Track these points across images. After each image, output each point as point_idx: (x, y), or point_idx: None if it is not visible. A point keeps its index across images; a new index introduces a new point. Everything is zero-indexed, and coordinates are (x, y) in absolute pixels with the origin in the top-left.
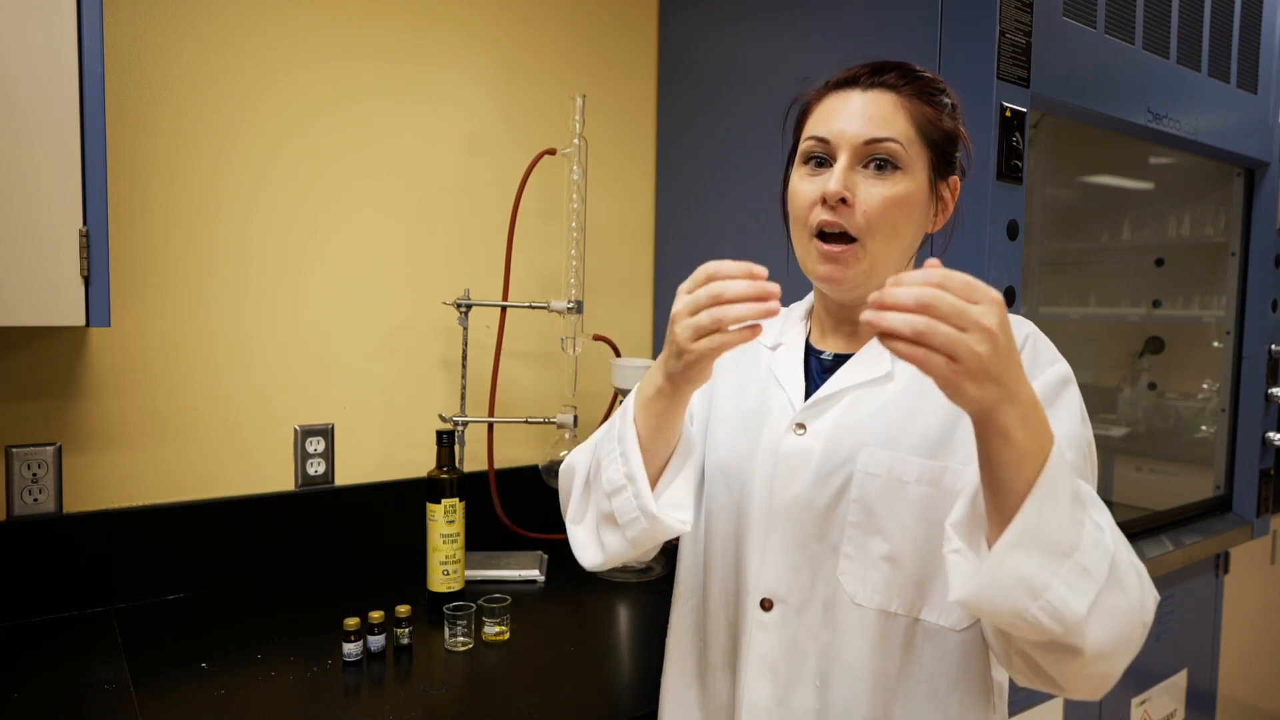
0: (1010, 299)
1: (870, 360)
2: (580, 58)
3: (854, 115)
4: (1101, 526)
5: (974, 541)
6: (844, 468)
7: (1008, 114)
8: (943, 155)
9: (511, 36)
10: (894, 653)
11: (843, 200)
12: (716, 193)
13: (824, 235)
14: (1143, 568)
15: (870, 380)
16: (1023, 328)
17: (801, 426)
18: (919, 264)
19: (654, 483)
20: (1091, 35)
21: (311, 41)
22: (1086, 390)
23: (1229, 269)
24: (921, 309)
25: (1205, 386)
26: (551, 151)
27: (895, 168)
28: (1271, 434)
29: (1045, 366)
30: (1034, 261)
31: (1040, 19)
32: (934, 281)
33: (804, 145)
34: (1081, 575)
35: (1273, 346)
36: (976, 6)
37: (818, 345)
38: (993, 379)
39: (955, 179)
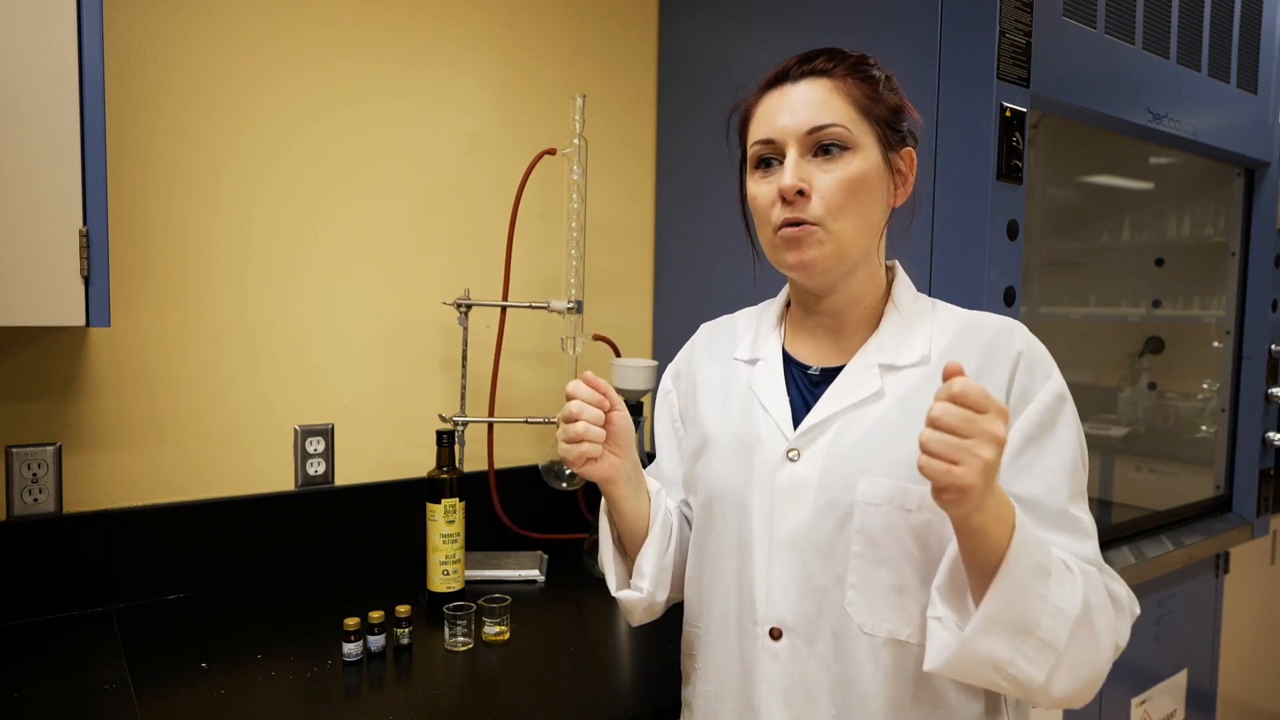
0: (1010, 299)
1: (859, 378)
2: (580, 58)
3: (793, 108)
4: (1067, 584)
5: (957, 605)
6: (844, 497)
7: (1008, 114)
8: (890, 128)
9: (511, 36)
10: (907, 679)
11: (800, 193)
12: (716, 192)
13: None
14: (1122, 591)
15: (859, 401)
16: (1014, 344)
17: (795, 453)
18: (890, 242)
19: (640, 545)
20: (1091, 35)
21: (312, 42)
22: (1086, 390)
23: (1229, 269)
24: (937, 421)
25: (1205, 386)
26: (551, 151)
27: (844, 149)
28: (1271, 434)
29: (1041, 382)
30: (1034, 261)
31: (1040, 19)
32: (958, 395)
33: (752, 151)
34: (1041, 649)
35: (1273, 346)
36: (976, 6)
37: (795, 352)
38: (986, 484)
39: (909, 150)
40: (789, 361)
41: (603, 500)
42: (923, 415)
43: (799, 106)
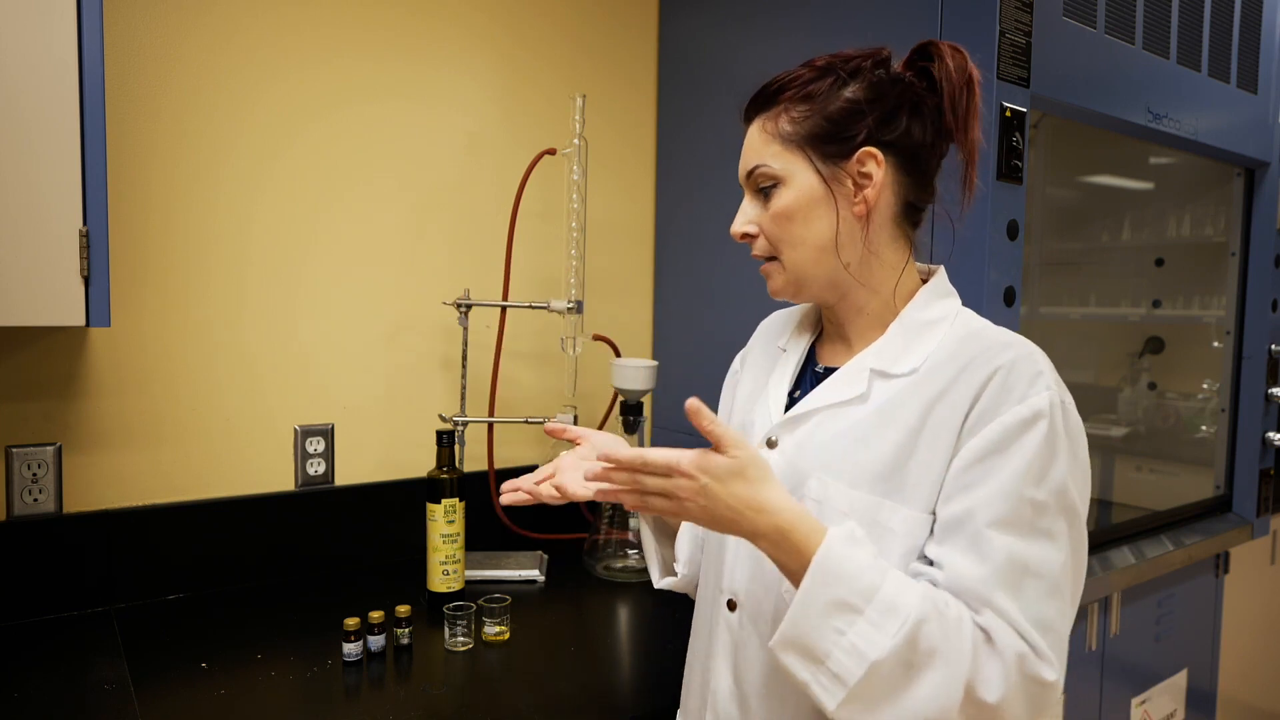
0: (1010, 299)
1: (849, 379)
2: (580, 58)
3: (741, 154)
4: (887, 625)
5: None
6: (795, 491)
7: (1008, 114)
8: (829, 142)
9: (511, 36)
10: None
11: (747, 234)
12: (716, 192)
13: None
14: (1013, 646)
15: (842, 401)
16: (994, 362)
17: (773, 441)
18: (924, 255)
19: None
20: (1091, 35)
21: (312, 42)
22: (1086, 390)
23: (1229, 269)
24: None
25: (1205, 386)
26: (551, 151)
27: (775, 185)
28: (1271, 434)
29: (1012, 405)
30: (1034, 261)
31: (1040, 19)
32: (635, 465)
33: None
34: (833, 680)
35: (1273, 346)
36: (976, 6)
37: (819, 350)
38: (712, 520)
39: (868, 151)
40: (812, 357)
41: None
42: (894, 425)
43: (743, 152)
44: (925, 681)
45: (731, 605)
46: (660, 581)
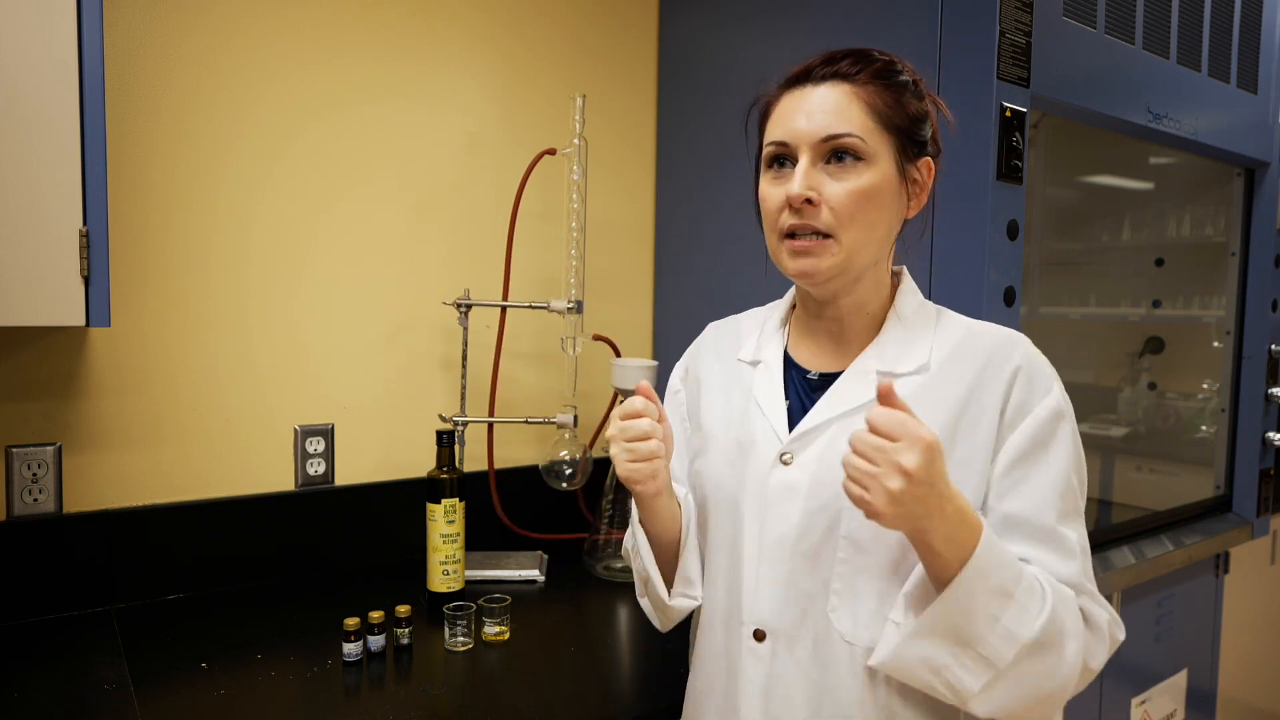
0: (1010, 299)
1: (855, 384)
2: (580, 58)
3: (810, 112)
4: (1032, 607)
5: (918, 613)
6: (833, 503)
7: (1008, 114)
8: (908, 138)
9: (511, 36)
10: (883, 690)
11: (808, 201)
12: (716, 192)
13: (795, 235)
14: (1103, 615)
15: (857, 407)
16: (1013, 358)
17: (788, 456)
18: (902, 248)
19: (675, 553)
20: (1091, 35)
21: (312, 42)
22: (1086, 390)
23: (1229, 269)
24: (852, 445)
25: (1205, 386)
26: (551, 151)
27: (858, 159)
28: (1271, 434)
29: (1040, 397)
30: (1034, 261)
31: (1040, 19)
32: (870, 422)
33: (766, 150)
34: (980, 662)
35: (1273, 346)
36: (976, 6)
37: (798, 356)
38: (905, 510)
39: (927, 160)
40: (790, 365)
41: (632, 510)
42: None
43: (816, 111)
44: (1064, 657)
45: (759, 635)
46: (673, 600)
